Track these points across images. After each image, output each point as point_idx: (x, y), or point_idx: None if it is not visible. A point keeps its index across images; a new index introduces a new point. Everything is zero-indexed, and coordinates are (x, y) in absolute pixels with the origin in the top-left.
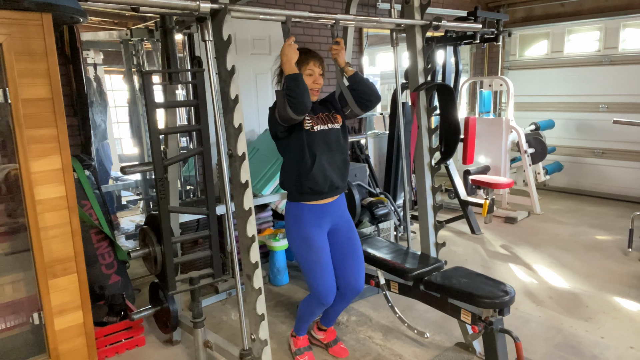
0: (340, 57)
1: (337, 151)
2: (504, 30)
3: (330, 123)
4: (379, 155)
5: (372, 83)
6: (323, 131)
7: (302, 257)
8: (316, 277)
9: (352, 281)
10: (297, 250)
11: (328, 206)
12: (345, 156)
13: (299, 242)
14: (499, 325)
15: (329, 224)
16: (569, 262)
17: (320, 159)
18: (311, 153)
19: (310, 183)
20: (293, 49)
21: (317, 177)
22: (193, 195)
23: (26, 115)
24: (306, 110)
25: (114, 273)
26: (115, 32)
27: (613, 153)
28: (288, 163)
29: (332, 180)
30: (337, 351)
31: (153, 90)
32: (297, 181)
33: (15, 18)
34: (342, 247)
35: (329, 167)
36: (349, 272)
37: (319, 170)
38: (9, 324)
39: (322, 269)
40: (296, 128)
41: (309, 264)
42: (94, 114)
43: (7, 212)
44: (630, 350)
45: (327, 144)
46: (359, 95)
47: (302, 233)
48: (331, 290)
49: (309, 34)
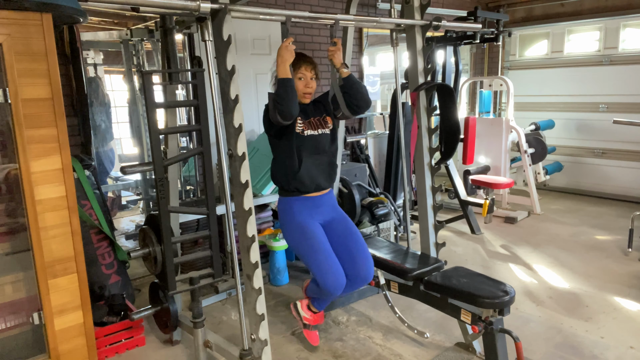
0: (336, 57)
1: (324, 154)
2: (504, 30)
3: (321, 128)
4: (379, 155)
5: (365, 88)
6: (313, 136)
7: (300, 246)
8: (320, 267)
9: (362, 271)
10: (294, 242)
11: (317, 198)
12: (332, 159)
13: (293, 231)
14: (499, 325)
15: (320, 215)
16: (569, 262)
17: (307, 162)
18: (299, 156)
19: (297, 183)
20: (289, 51)
21: (304, 179)
22: (193, 195)
23: (26, 115)
24: (292, 118)
25: (114, 273)
26: (115, 32)
27: (613, 153)
28: (277, 159)
29: (318, 182)
30: (311, 336)
31: (153, 90)
32: (285, 179)
33: (15, 18)
34: (342, 237)
35: (315, 169)
36: (357, 260)
37: (306, 172)
38: (9, 324)
39: (325, 257)
40: (287, 130)
41: (309, 251)
42: (94, 114)
43: (7, 212)
44: (630, 350)
45: (315, 148)
46: (350, 98)
47: (294, 222)
48: (339, 279)
49: (308, 34)
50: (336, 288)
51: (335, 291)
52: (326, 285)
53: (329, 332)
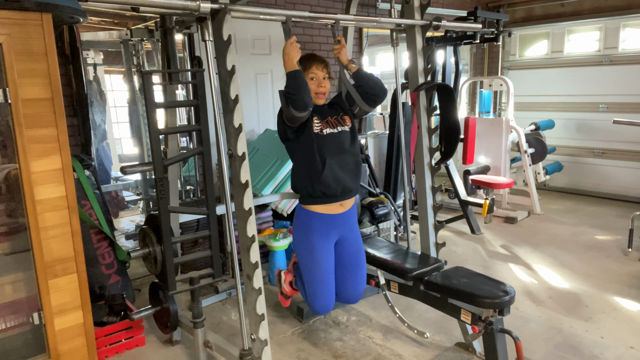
0: (342, 55)
1: (347, 153)
2: (504, 30)
3: (340, 126)
4: (379, 155)
5: (376, 77)
6: (332, 134)
7: (304, 260)
8: (315, 288)
9: (352, 293)
10: (300, 256)
11: (339, 217)
12: (357, 158)
13: (303, 248)
14: (499, 325)
15: (337, 235)
16: (569, 262)
17: (331, 163)
18: (321, 157)
19: (322, 187)
20: (295, 48)
21: (329, 181)
22: (193, 195)
23: (26, 115)
24: (306, 108)
25: (114, 273)
26: (115, 32)
27: (613, 153)
28: (298, 166)
29: (345, 183)
30: (284, 302)
31: (153, 90)
32: (309, 185)
33: (15, 18)
34: (347, 259)
35: (340, 170)
36: (350, 283)
37: (330, 174)
38: (9, 324)
39: (323, 281)
40: (305, 131)
41: (311, 269)
42: (94, 114)
43: (7, 212)
44: (630, 350)
45: (337, 147)
46: (365, 91)
47: (308, 239)
48: (327, 306)
49: (309, 34)
50: (322, 311)
51: (320, 313)
52: (314, 306)
53: (329, 332)
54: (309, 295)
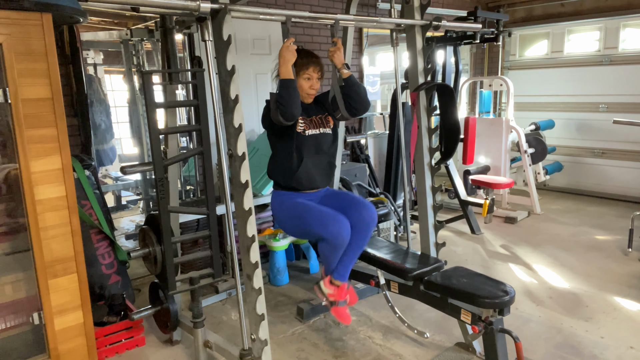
0: (337, 57)
1: (324, 154)
2: (504, 30)
3: (323, 127)
4: (379, 155)
5: (364, 91)
6: (314, 135)
7: (297, 220)
8: (321, 220)
9: (365, 213)
10: (291, 221)
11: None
12: (331, 159)
13: (289, 213)
14: (499, 325)
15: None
16: (569, 262)
17: (307, 162)
18: (299, 156)
19: (294, 183)
20: (291, 51)
21: (302, 179)
22: (193, 195)
23: (26, 115)
24: (294, 119)
25: (114, 273)
26: (115, 32)
27: (613, 153)
28: (275, 157)
29: (316, 182)
30: (340, 314)
31: (153, 90)
32: (283, 177)
33: (15, 18)
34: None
35: (314, 169)
36: (356, 207)
37: (304, 173)
38: (9, 324)
39: (321, 211)
40: (289, 129)
41: (306, 216)
42: (94, 114)
43: (7, 212)
44: (630, 350)
45: (315, 148)
46: (350, 99)
47: (289, 205)
48: (342, 222)
49: (308, 34)
50: (342, 229)
51: (343, 233)
52: (333, 232)
53: (328, 332)
54: (323, 231)
